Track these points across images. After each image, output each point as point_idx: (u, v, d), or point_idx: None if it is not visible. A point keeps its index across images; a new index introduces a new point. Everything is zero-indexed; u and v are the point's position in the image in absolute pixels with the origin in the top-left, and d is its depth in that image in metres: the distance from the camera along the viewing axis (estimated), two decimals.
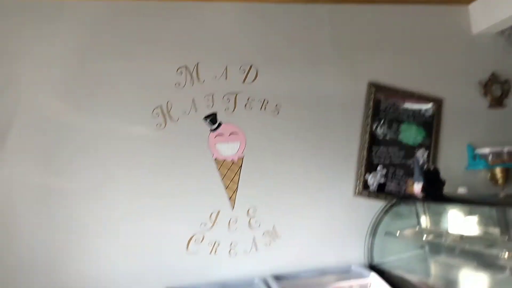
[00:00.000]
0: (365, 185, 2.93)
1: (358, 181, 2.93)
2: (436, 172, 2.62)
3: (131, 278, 2.61)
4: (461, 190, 2.79)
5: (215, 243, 2.72)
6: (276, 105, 2.88)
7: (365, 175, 2.93)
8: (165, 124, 2.73)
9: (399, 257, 2.79)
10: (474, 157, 3.08)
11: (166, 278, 2.63)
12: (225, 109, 2.81)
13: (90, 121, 2.64)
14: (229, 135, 2.82)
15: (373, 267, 2.75)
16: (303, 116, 2.91)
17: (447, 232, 2.62)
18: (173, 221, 2.68)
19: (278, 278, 2.65)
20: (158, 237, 2.66)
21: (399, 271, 2.60)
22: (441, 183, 2.59)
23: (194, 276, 2.66)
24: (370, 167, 2.95)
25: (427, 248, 2.78)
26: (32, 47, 2.62)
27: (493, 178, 3.07)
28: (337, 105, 2.97)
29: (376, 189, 2.94)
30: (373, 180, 2.94)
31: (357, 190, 2.93)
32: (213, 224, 2.73)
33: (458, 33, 3.25)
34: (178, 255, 2.68)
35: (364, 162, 2.93)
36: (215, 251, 2.72)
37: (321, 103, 2.94)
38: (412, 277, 2.51)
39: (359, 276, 2.64)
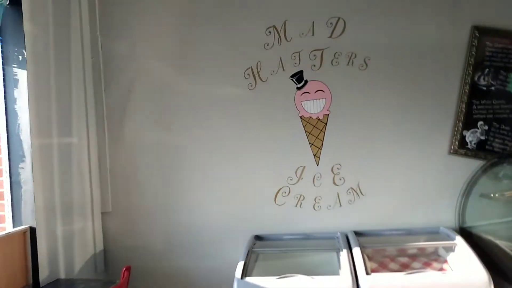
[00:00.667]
0: (462, 143, 2.66)
1: (454, 138, 2.67)
2: None
3: (225, 225, 2.93)
4: None
5: (300, 197, 2.85)
6: (365, 59, 2.76)
7: (462, 131, 2.65)
8: (255, 84, 2.87)
9: (495, 221, 2.51)
10: None
11: (255, 227, 2.87)
12: (311, 66, 2.82)
13: (193, 85, 2.94)
14: (315, 92, 2.83)
15: (464, 230, 2.55)
16: (393, 67, 2.73)
17: None
18: (263, 174, 2.88)
19: (359, 234, 2.66)
20: (249, 189, 2.90)
21: (491, 237, 2.38)
22: None
23: (280, 226, 2.85)
24: (469, 123, 2.65)
25: None
26: (143, 23, 2.98)
27: None
28: (432, 53, 2.68)
29: (475, 147, 2.65)
30: (472, 137, 2.65)
31: (452, 148, 2.68)
32: (298, 179, 2.85)
33: None
34: (266, 206, 2.88)
35: (462, 117, 2.64)
36: (300, 205, 2.85)
37: (415, 51, 2.70)
38: (508, 245, 2.27)
39: (446, 238, 2.49)
